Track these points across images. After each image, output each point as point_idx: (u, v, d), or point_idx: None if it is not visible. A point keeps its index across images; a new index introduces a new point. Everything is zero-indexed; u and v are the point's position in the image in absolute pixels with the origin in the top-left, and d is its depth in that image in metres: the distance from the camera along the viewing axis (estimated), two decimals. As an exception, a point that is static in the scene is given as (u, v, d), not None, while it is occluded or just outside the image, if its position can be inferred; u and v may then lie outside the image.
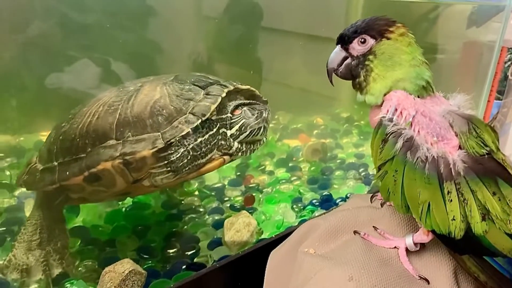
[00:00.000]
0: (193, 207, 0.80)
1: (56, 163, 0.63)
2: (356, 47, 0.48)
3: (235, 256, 0.65)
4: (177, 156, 0.59)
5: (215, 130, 0.63)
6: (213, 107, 0.62)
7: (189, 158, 0.60)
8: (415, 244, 0.48)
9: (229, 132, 0.64)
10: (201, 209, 0.80)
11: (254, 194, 0.84)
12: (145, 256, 0.67)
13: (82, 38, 0.98)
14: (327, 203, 0.84)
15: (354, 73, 0.48)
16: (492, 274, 0.44)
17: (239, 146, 0.65)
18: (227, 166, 0.94)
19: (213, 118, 0.63)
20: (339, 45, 0.49)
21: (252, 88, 0.70)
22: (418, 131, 0.44)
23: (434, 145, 0.43)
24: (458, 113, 0.45)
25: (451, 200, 0.42)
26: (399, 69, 0.46)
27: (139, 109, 0.61)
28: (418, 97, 0.46)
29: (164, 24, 1.14)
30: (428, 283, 0.47)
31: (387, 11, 0.50)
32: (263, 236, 0.73)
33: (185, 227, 0.75)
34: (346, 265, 0.45)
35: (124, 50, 1.06)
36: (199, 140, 0.61)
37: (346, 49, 0.48)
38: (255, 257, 0.59)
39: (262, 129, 0.66)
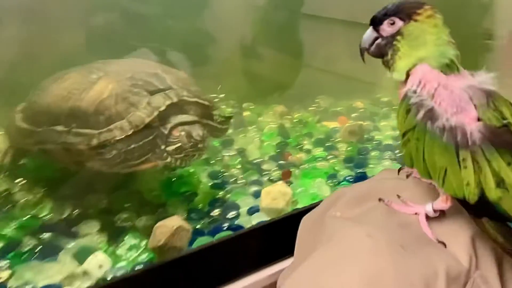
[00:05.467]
0: (235, 178, 0.88)
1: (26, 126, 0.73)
2: (386, 28, 0.52)
3: (271, 220, 0.72)
4: (110, 156, 0.66)
5: (151, 138, 0.68)
6: (148, 120, 0.67)
7: (121, 158, 0.67)
8: (435, 211, 0.53)
9: (163, 147, 0.69)
10: (242, 180, 0.87)
11: (291, 170, 0.90)
12: (192, 217, 0.75)
13: (141, 28, 1.08)
14: (361, 180, 0.89)
15: (383, 52, 0.53)
16: (510, 237, 0.47)
17: (173, 160, 0.70)
18: (267, 143, 1.02)
19: (153, 125, 0.68)
20: (371, 27, 0.54)
21: (201, 101, 0.74)
22: (439, 103, 0.48)
23: (454, 116, 0.47)
24: (478, 87, 0.49)
25: (466, 167, 0.46)
26: (423, 48, 0.50)
27: (87, 104, 0.69)
28: (442, 72, 0.50)
29: (215, 13, 1.22)
30: (445, 246, 0.51)
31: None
32: (297, 206, 0.79)
33: (228, 195, 0.83)
34: (366, 225, 0.51)
35: (178, 39, 1.16)
36: (132, 146, 0.67)
37: (377, 30, 0.53)
38: (289, 223, 0.65)
39: (196, 155, 0.71)
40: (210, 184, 0.86)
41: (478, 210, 0.48)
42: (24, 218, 0.72)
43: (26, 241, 0.67)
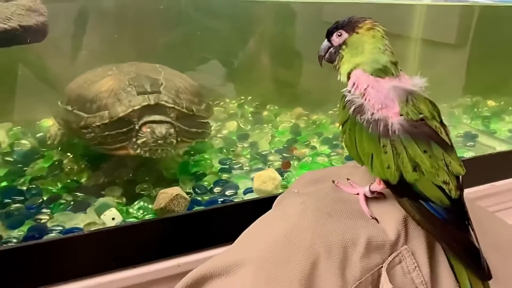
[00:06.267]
0: (241, 165, 1.02)
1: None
2: (335, 39, 0.63)
3: (258, 197, 0.85)
4: (90, 137, 0.85)
5: (124, 130, 0.84)
6: (122, 114, 0.82)
7: (98, 141, 0.85)
8: (372, 192, 0.63)
9: (134, 139, 0.84)
10: (247, 167, 1.02)
11: (292, 162, 1.03)
12: (197, 191, 0.91)
13: (212, 41, 1.26)
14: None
15: (333, 59, 0.64)
16: (426, 215, 0.54)
17: (142, 152, 0.84)
18: (278, 139, 1.15)
19: (128, 119, 0.82)
20: (326, 38, 0.66)
21: (179, 108, 0.87)
22: (368, 100, 0.58)
23: (379, 111, 0.56)
24: (402, 87, 0.57)
25: (386, 152, 0.55)
26: (360, 56, 0.61)
27: (89, 93, 0.87)
28: (376, 76, 0.60)
29: (287, 30, 1.38)
30: (378, 222, 0.60)
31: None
32: (288, 191, 0.91)
33: (231, 178, 0.97)
34: (306, 196, 0.62)
35: (248, 52, 1.33)
36: (106, 133, 0.83)
37: (330, 41, 0.65)
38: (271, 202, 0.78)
39: (159, 150, 0.84)
40: (219, 168, 1.01)
41: (399, 190, 0.56)
42: (67, 181, 0.91)
43: (65, 197, 0.86)
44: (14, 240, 0.72)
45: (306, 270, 0.52)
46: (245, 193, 0.91)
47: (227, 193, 0.91)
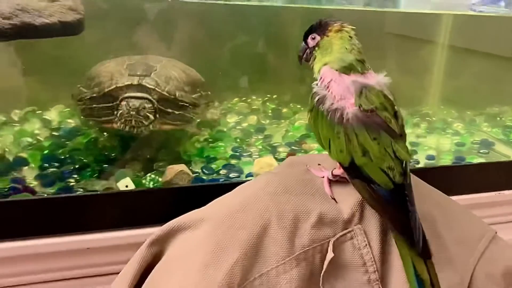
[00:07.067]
0: (251, 153, 1.12)
1: None
2: (310, 42, 0.71)
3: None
4: (81, 108, 1.03)
5: (109, 105, 0.97)
6: (106, 90, 0.97)
7: (87, 113, 1.02)
8: (334, 175, 0.70)
9: (115, 112, 0.96)
10: (256, 156, 1.12)
11: (297, 154, 1.11)
12: (205, 171, 1.03)
13: (246, 44, 1.39)
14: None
15: (309, 59, 0.73)
16: (373, 195, 0.61)
17: (122, 126, 0.96)
18: (291, 134, 1.24)
19: (113, 94, 0.95)
20: (303, 40, 0.74)
21: (159, 90, 0.98)
22: (331, 92, 0.65)
23: (338, 101, 0.63)
24: (361, 82, 0.63)
25: (339, 138, 0.62)
26: (329, 55, 0.68)
27: (93, 73, 1.03)
28: (341, 72, 0.68)
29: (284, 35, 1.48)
30: (336, 202, 0.67)
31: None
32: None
33: (239, 164, 1.08)
34: (273, 174, 0.71)
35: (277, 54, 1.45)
36: (93, 105, 0.99)
37: (306, 43, 0.73)
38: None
39: (133, 121, 0.95)
40: (230, 154, 1.12)
41: (352, 172, 0.63)
42: (98, 154, 1.07)
43: (93, 167, 1.01)
44: (45, 195, 0.88)
45: (256, 231, 0.60)
46: (247, 177, 1.01)
47: (231, 175, 1.01)
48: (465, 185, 1.05)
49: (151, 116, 0.97)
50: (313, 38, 0.71)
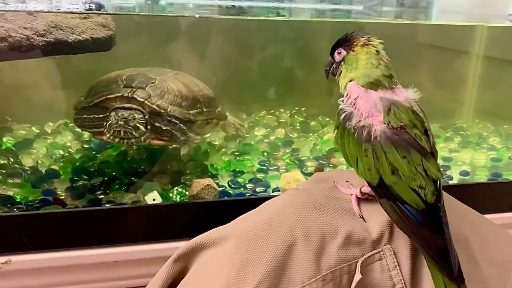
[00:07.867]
0: (278, 167, 1.11)
1: None
2: (336, 56, 0.70)
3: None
4: (74, 118, 1.02)
5: (100, 116, 0.96)
6: (96, 101, 0.96)
7: (79, 123, 1.00)
8: (363, 193, 0.68)
9: (105, 123, 0.95)
10: (283, 170, 1.10)
11: (326, 169, 1.09)
12: (231, 185, 1.02)
13: (277, 58, 1.40)
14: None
15: (335, 73, 0.71)
16: (402, 216, 0.59)
17: (111, 137, 0.95)
18: (319, 147, 1.22)
19: (102, 105, 0.94)
20: (330, 55, 0.73)
21: (149, 104, 0.96)
22: (358, 109, 0.64)
23: (365, 119, 0.62)
24: (389, 98, 0.62)
25: (367, 156, 0.61)
26: (355, 71, 0.66)
27: (96, 83, 1.01)
28: (368, 88, 0.66)
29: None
30: (365, 221, 0.65)
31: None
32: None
33: (266, 178, 1.07)
34: (300, 191, 0.69)
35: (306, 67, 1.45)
36: (85, 115, 0.98)
37: (333, 58, 0.72)
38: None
39: (122, 132, 0.93)
40: (257, 168, 1.11)
41: (379, 191, 0.61)
42: (127, 167, 1.09)
43: (122, 179, 1.03)
44: (74, 208, 0.89)
45: (281, 250, 0.59)
46: (273, 191, 1.00)
47: (258, 189, 1.01)
48: (501, 203, 1.01)
49: (142, 127, 0.96)
50: (339, 53, 0.69)
